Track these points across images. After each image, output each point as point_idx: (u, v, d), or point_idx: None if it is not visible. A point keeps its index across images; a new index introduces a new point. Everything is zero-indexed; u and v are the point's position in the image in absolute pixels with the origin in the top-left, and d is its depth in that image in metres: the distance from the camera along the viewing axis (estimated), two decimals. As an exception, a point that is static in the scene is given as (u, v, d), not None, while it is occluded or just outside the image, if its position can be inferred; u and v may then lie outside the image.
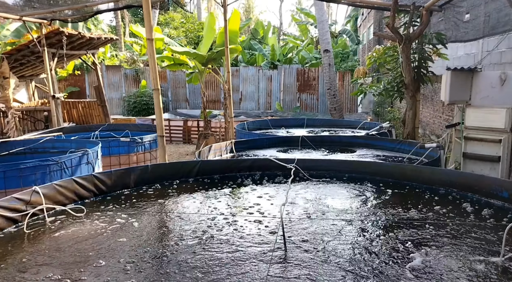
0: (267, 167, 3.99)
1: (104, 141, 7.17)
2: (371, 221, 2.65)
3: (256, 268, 1.97)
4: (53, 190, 2.82)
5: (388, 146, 6.09)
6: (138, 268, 1.98)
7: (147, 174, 3.56)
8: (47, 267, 1.99)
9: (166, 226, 2.62)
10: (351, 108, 18.79)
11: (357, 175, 3.81)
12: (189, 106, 20.42)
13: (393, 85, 7.66)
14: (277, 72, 19.55)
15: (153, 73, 4.52)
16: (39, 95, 13.98)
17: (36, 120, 11.41)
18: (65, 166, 5.19)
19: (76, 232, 2.44)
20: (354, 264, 2.01)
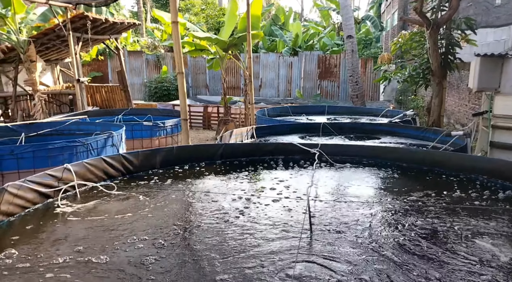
0: (290, 152, 3.99)
1: (128, 124, 7.30)
2: (394, 206, 2.63)
3: (283, 249, 1.99)
4: (83, 168, 2.90)
5: (412, 134, 5.98)
6: (165, 244, 2.02)
7: (172, 156, 3.62)
8: (80, 241, 2.06)
9: (192, 206, 2.67)
10: (373, 96, 18.47)
11: (381, 160, 3.77)
12: (208, 92, 20.48)
13: (419, 72, 7.48)
14: (298, 59, 19.33)
15: (178, 56, 4.53)
16: (64, 79, 14.27)
17: (61, 103, 11.68)
18: (91, 147, 5.31)
19: (106, 209, 2.51)
20: (377, 246, 2.01)
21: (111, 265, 1.80)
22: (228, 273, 1.74)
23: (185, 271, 1.76)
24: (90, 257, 1.87)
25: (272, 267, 1.79)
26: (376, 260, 1.86)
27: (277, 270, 1.76)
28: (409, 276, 1.72)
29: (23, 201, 2.38)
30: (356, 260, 1.86)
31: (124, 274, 1.72)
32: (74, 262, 1.83)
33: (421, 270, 1.77)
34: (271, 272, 1.75)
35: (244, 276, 1.71)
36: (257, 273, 1.73)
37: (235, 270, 1.77)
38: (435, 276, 1.71)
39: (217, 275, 1.72)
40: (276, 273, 1.74)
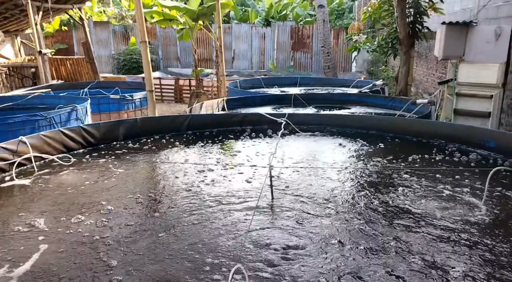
0: (259, 122, 3.97)
1: (94, 98, 7.06)
2: (358, 170, 2.68)
3: (244, 214, 2.00)
4: (40, 140, 2.79)
5: (380, 103, 6.08)
6: (127, 213, 2.00)
7: (136, 128, 3.53)
8: (35, 214, 2.01)
9: (155, 177, 2.64)
10: (345, 67, 18.54)
11: (346, 129, 3.82)
12: (180, 64, 20.00)
13: (388, 41, 7.53)
14: (271, 30, 19.04)
15: (140, 23, 4.36)
16: (26, 51, 13.58)
17: (23, 76, 11.15)
18: (54, 121, 5.13)
19: (64, 181, 2.44)
20: (339, 209, 2.05)
21: (68, 238, 1.76)
22: (187, 240, 1.74)
23: (146, 240, 1.75)
24: (47, 230, 1.82)
25: (231, 233, 1.80)
26: (339, 225, 1.91)
27: (235, 235, 1.78)
28: (374, 240, 1.77)
29: (-26, 175, 2.28)
30: (318, 224, 1.90)
31: (82, 246, 1.70)
32: (29, 234, 1.78)
33: (385, 233, 1.83)
34: (229, 238, 1.76)
35: (202, 242, 1.72)
36: (216, 239, 1.74)
37: (195, 237, 1.77)
38: (395, 236, 1.77)
39: (177, 243, 1.72)
40: (234, 238, 1.75)
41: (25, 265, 1.53)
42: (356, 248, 1.66)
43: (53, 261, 1.57)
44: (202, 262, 1.56)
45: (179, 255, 1.61)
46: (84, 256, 1.60)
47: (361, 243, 1.71)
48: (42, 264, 1.54)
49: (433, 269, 1.50)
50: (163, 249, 1.66)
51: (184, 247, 1.68)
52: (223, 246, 1.68)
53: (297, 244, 1.69)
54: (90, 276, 1.47)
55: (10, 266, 1.53)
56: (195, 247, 1.67)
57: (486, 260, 1.57)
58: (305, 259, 1.58)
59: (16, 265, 1.53)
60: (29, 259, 1.58)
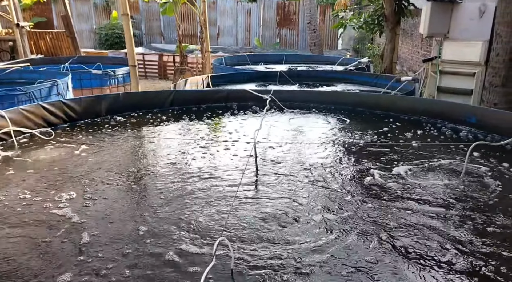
0: (244, 98, 3.94)
1: (75, 73, 6.88)
2: (341, 145, 2.71)
3: (229, 188, 2.01)
4: (20, 115, 2.72)
5: (365, 81, 6.10)
6: (109, 189, 1.99)
7: (119, 103, 3.47)
8: (16, 189, 1.98)
9: (139, 153, 2.61)
10: (331, 45, 18.44)
11: (331, 106, 3.83)
12: (164, 40, 19.55)
13: (374, 18, 7.50)
14: (257, 5, 18.69)
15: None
16: (3, 24, 13.03)
17: (0, 50, 10.75)
18: (34, 96, 5.00)
19: (46, 156, 2.40)
20: (322, 182, 2.08)
21: (45, 212, 1.75)
22: (171, 214, 1.75)
23: (127, 215, 1.75)
24: (26, 204, 1.80)
25: (215, 206, 1.81)
26: (324, 198, 1.94)
27: (220, 209, 1.79)
28: (356, 208, 1.81)
29: (-50, 150, 2.22)
30: (301, 198, 1.93)
31: (59, 222, 1.69)
32: (12, 209, 1.76)
33: (368, 206, 1.87)
34: (214, 211, 1.77)
35: (187, 216, 1.72)
36: (200, 212, 1.75)
37: (179, 211, 1.78)
38: (376, 208, 1.81)
39: (161, 218, 1.72)
40: (218, 212, 1.77)
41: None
42: (342, 219, 1.70)
43: (30, 237, 1.56)
44: (187, 236, 1.57)
45: (162, 231, 1.61)
46: (59, 231, 1.59)
47: (344, 212, 1.74)
48: (13, 242, 1.53)
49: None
50: (146, 224, 1.66)
51: (168, 221, 1.68)
52: (208, 219, 1.69)
53: (282, 215, 1.72)
54: (74, 254, 1.46)
55: (-9, 239, 1.51)
56: (178, 221, 1.68)
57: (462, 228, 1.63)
58: (289, 228, 1.61)
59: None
60: (4, 233, 1.56)
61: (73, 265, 1.36)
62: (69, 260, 1.39)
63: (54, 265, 1.37)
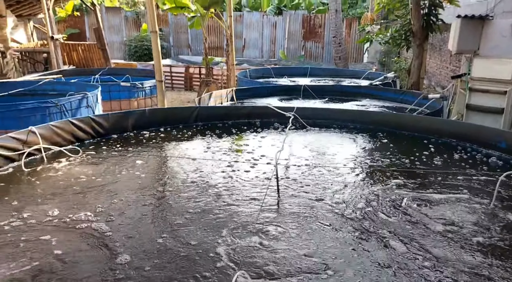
0: (266, 115, 3.96)
1: (105, 85, 7.09)
2: (365, 167, 2.67)
3: (249, 212, 2.01)
4: (50, 131, 2.82)
5: (391, 97, 6.01)
6: (134, 205, 2.02)
7: (145, 119, 3.55)
8: (45, 205, 2.04)
9: (163, 169, 2.65)
10: (356, 58, 18.30)
11: (356, 124, 3.79)
12: (191, 52, 19.94)
13: (401, 33, 7.39)
14: (282, 19, 18.82)
15: (151, 12, 4.33)
16: (38, 36, 13.64)
17: (35, 61, 11.23)
18: (65, 108, 5.17)
19: (73, 173, 2.47)
20: (346, 211, 2.05)
21: (75, 229, 1.79)
22: (191, 234, 1.76)
23: (153, 231, 1.77)
24: (54, 221, 1.86)
25: (235, 229, 1.81)
26: (343, 224, 1.91)
27: (240, 231, 1.79)
28: (382, 241, 1.77)
29: (-16, 165, 2.32)
30: (323, 224, 1.90)
31: (89, 237, 1.72)
32: (38, 224, 1.82)
33: (393, 232, 1.83)
34: (234, 234, 1.77)
35: (206, 237, 1.73)
36: (219, 233, 1.75)
37: (200, 231, 1.78)
38: (403, 237, 1.77)
39: (181, 236, 1.74)
40: (238, 235, 1.76)
41: (34, 254, 1.57)
42: (361, 249, 1.66)
43: (62, 251, 1.59)
44: (206, 257, 1.57)
45: (182, 250, 1.62)
46: (91, 246, 1.63)
47: (364, 243, 1.71)
48: (51, 255, 1.57)
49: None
50: (166, 244, 1.68)
51: (189, 241, 1.69)
52: (228, 241, 1.69)
53: (300, 242, 1.70)
54: (100, 267, 1.49)
55: (13, 258, 1.56)
56: (198, 242, 1.68)
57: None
58: (307, 258, 1.59)
59: (27, 255, 1.57)
60: (39, 249, 1.61)
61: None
62: (98, 272, 1.42)
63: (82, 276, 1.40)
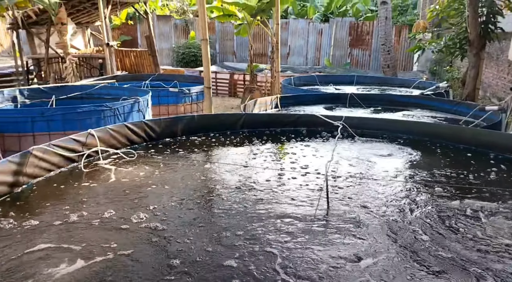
0: (313, 123, 3.92)
1: (154, 90, 7.35)
2: (417, 183, 2.56)
3: (298, 224, 1.99)
4: (107, 133, 2.96)
5: (444, 108, 5.75)
6: (185, 209, 2.06)
7: (193, 124, 3.63)
8: (102, 205, 2.14)
9: (211, 175, 2.69)
10: (406, 66, 17.73)
11: (408, 136, 3.66)
12: (236, 59, 20.25)
13: (456, 41, 7.08)
14: (329, 26, 18.65)
15: (202, 21, 4.45)
16: (94, 42, 14.43)
17: (91, 67, 11.87)
18: (118, 112, 5.41)
19: (128, 175, 2.57)
20: (396, 226, 1.97)
21: (134, 227, 1.86)
22: (237, 245, 1.76)
23: (204, 235, 1.79)
24: (112, 219, 1.94)
25: (284, 243, 1.79)
26: (395, 239, 1.84)
27: (289, 244, 1.77)
28: (435, 257, 1.69)
29: (48, 164, 2.47)
30: (373, 238, 1.84)
31: (142, 239, 1.78)
32: (97, 223, 1.90)
33: (444, 248, 1.74)
34: (282, 246, 1.76)
35: (253, 247, 1.73)
36: (268, 245, 1.75)
37: (246, 242, 1.79)
38: (455, 255, 1.68)
39: (234, 246, 1.75)
40: (287, 247, 1.74)
41: (88, 255, 1.64)
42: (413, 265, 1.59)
43: (118, 250, 1.66)
44: (256, 269, 1.57)
45: (230, 257, 1.63)
46: (146, 246, 1.68)
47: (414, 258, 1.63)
48: (107, 254, 1.64)
49: None
50: (210, 252, 1.69)
51: (234, 252, 1.70)
52: (276, 253, 1.68)
53: (352, 257, 1.65)
54: (155, 266, 1.53)
55: (75, 256, 1.64)
56: (246, 253, 1.69)
57: None
58: (360, 271, 1.54)
59: (81, 256, 1.64)
60: (95, 248, 1.68)
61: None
62: (153, 271, 1.47)
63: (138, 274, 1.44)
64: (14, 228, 1.85)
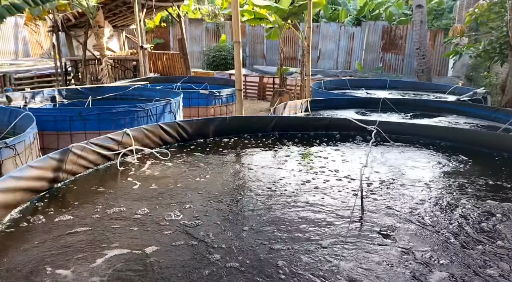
0: (346, 127, 3.86)
1: (185, 92, 7.48)
2: (454, 191, 2.46)
3: (330, 230, 1.95)
4: (141, 133, 3.02)
5: (481, 114, 5.53)
6: (215, 209, 2.07)
7: (225, 126, 3.65)
8: (136, 203, 2.17)
9: (241, 177, 2.69)
10: (440, 71, 17.21)
11: (445, 142, 3.53)
12: (265, 62, 20.29)
13: (495, 46, 6.81)
14: (361, 29, 18.38)
15: (235, 24, 4.48)
16: (129, 45, 14.85)
17: (126, 69, 12.21)
18: (151, 113, 5.53)
19: (161, 173, 2.61)
20: (431, 234, 1.90)
21: (168, 225, 1.88)
22: (276, 253, 1.74)
23: (235, 238, 1.79)
24: (146, 216, 1.97)
25: (319, 249, 1.76)
26: (433, 249, 1.77)
27: (324, 251, 1.74)
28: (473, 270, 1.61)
29: (86, 162, 2.54)
30: (412, 246, 1.78)
31: (177, 236, 1.80)
32: (131, 220, 1.94)
33: (482, 260, 1.66)
34: (318, 254, 1.72)
35: (284, 254, 1.70)
36: (299, 254, 1.72)
37: (277, 247, 1.77)
38: (491, 267, 1.59)
39: (268, 247, 1.73)
40: (324, 254, 1.71)
41: (127, 251, 1.66)
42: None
43: (152, 247, 1.68)
44: (291, 274, 1.54)
45: (257, 266, 1.61)
46: (180, 244, 1.69)
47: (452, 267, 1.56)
48: (142, 250, 1.66)
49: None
50: (242, 259, 1.68)
51: (262, 254, 1.68)
52: (307, 262, 1.65)
53: (385, 264, 1.60)
54: (190, 264, 1.54)
55: (110, 250, 1.67)
56: (276, 259, 1.66)
57: None
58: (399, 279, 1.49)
59: (118, 248, 1.67)
60: (128, 244, 1.71)
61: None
62: (188, 269, 1.47)
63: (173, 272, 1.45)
64: (53, 222, 1.91)
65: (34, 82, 11.53)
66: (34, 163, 2.14)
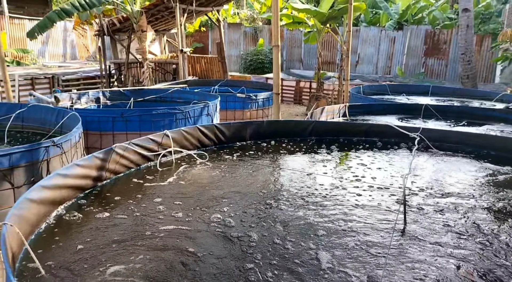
0: (386, 134, 3.74)
1: (222, 95, 7.56)
2: (502, 204, 2.31)
3: (370, 240, 1.88)
4: (180, 135, 3.06)
5: (533, 124, 5.20)
6: (252, 212, 2.05)
7: (262, 129, 3.64)
8: (175, 203, 2.20)
9: (278, 182, 2.66)
10: (487, 78, 16.40)
11: (494, 152, 3.34)
12: (302, 66, 20.17)
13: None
14: (402, 34, 17.88)
15: (275, 28, 4.47)
16: (169, 49, 15.23)
17: (165, 72, 12.53)
18: (189, 115, 5.62)
19: (199, 175, 2.64)
20: (474, 247, 1.78)
21: (205, 225, 1.89)
22: (317, 261, 1.70)
23: (272, 242, 1.77)
24: (183, 216, 1.99)
25: (360, 261, 1.70)
26: (480, 265, 1.67)
27: (366, 264, 1.68)
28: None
29: (127, 162, 2.60)
30: (457, 259, 1.68)
31: (215, 237, 1.80)
32: (170, 220, 1.96)
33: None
34: (358, 267, 1.67)
35: (322, 273, 1.66)
36: (338, 264, 1.67)
37: (314, 258, 1.72)
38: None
39: (305, 256, 1.70)
40: (366, 268, 1.65)
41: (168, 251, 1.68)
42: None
43: (189, 248, 1.69)
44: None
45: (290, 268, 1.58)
46: (218, 245, 1.69)
47: None
48: (180, 251, 1.68)
49: None
50: (271, 265, 1.65)
51: (295, 261, 1.64)
52: (347, 274, 1.60)
53: (434, 279, 1.52)
54: (229, 265, 1.54)
55: (149, 249, 1.69)
56: (311, 265, 1.62)
57: None
58: (443, 302, 1.41)
59: (158, 248, 1.69)
60: (168, 244, 1.73)
61: None
62: (226, 271, 1.47)
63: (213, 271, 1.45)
64: (96, 220, 1.97)
65: (80, 84, 12.07)
66: (80, 162, 2.22)
